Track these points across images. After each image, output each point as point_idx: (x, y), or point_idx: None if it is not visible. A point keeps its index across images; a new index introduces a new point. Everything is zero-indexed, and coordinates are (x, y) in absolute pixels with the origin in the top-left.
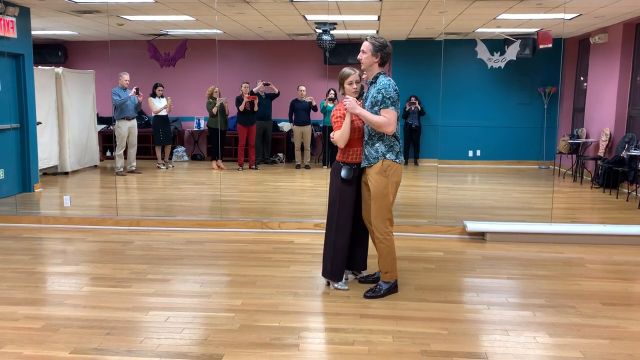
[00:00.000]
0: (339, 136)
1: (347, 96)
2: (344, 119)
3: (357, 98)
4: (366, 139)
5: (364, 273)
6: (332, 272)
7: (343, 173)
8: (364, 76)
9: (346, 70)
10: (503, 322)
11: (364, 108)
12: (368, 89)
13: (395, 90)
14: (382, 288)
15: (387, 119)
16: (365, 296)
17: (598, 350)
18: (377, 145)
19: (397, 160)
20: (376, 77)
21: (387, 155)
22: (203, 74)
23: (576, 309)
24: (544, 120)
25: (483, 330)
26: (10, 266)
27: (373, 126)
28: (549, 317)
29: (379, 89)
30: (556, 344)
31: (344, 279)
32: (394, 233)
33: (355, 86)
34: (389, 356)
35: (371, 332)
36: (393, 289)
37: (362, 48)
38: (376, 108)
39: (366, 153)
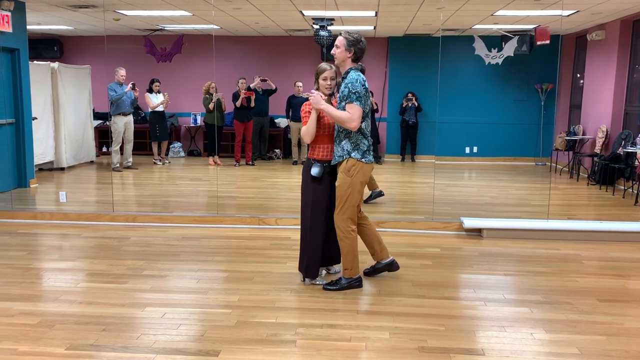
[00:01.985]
0: (305, 131)
1: (312, 91)
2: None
3: (332, 95)
4: (335, 136)
5: (337, 268)
6: (307, 270)
7: (313, 170)
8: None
9: (323, 65)
10: (500, 318)
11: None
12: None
13: (363, 85)
14: (341, 283)
15: (350, 115)
16: (325, 288)
17: (594, 346)
18: (343, 142)
19: (362, 160)
20: (347, 72)
21: (352, 154)
22: (200, 69)
23: (573, 305)
24: (541, 117)
25: (480, 326)
26: (5, 262)
27: (336, 122)
28: (545, 314)
29: (346, 83)
30: (553, 340)
31: (319, 275)
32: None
33: (329, 82)
34: (385, 352)
35: (368, 328)
36: (354, 284)
37: (336, 43)
38: (343, 103)
39: (335, 150)
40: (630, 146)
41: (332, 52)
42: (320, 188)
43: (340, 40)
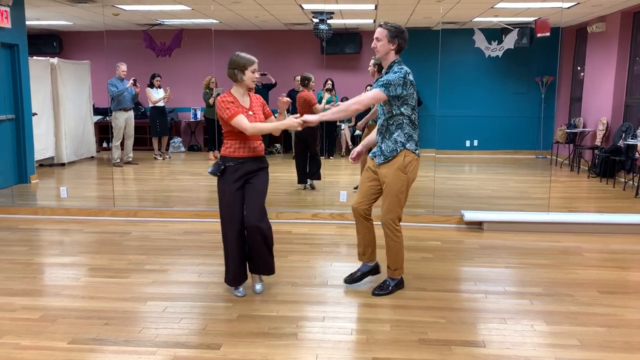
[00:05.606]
0: (260, 129)
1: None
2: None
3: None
4: (383, 132)
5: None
6: (227, 278)
7: (210, 168)
8: (369, 68)
9: (251, 57)
10: (501, 310)
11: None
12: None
13: (402, 77)
14: (390, 285)
15: (357, 97)
16: (374, 294)
17: (595, 338)
18: (395, 135)
19: (416, 152)
20: (390, 67)
21: (407, 145)
22: (199, 64)
23: (573, 297)
24: (541, 110)
25: (481, 318)
26: (7, 257)
27: (339, 118)
28: (546, 306)
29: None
30: (553, 332)
31: (240, 287)
32: None
33: (257, 75)
34: (387, 345)
35: (369, 321)
36: (400, 285)
37: (376, 35)
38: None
39: (383, 148)
40: (631, 138)
41: (373, 45)
42: (225, 190)
43: (380, 32)
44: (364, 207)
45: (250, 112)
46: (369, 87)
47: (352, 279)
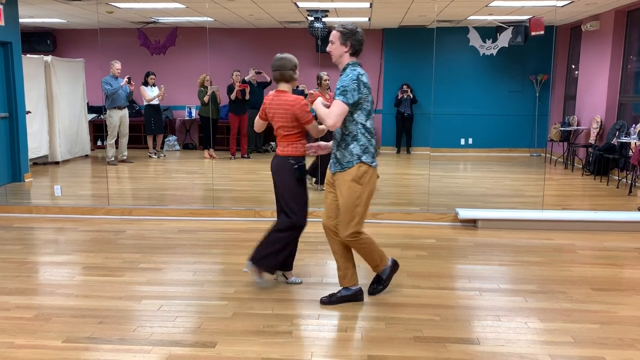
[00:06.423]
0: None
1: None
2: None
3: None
4: (339, 140)
5: (295, 278)
6: (273, 266)
7: (302, 171)
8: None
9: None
10: (495, 307)
11: None
12: None
13: (355, 80)
14: (382, 277)
15: (327, 112)
16: (369, 292)
17: (588, 334)
18: (351, 146)
19: (373, 164)
20: (344, 69)
21: (363, 158)
22: (194, 62)
23: (567, 295)
24: (536, 108)
25: (475, 316)
26: (1, 256)
27: (318, 116)
28: (540, 303)
29: (340, 80)
30: (547, 329)
31: (274, 277)
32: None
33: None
34: (381, 342)
35: (364, 318)
36: (394, 268)
37: (330, 39)
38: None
39: (338, 156)
40: (624, 136)
41: (328, 49)
42: (303, 186)
43: (334, 35)
44: (334, 222)
45: None
46: None
47: (329, 300)
